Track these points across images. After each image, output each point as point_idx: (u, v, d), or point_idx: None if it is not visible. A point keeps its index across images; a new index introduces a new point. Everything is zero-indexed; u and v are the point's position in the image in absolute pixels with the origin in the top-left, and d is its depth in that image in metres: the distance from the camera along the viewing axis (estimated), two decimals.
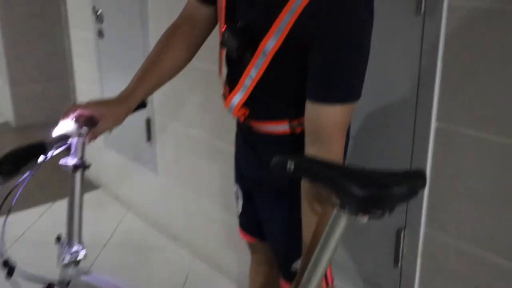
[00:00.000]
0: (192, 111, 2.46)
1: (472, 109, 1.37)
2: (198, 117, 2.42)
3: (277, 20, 0.98)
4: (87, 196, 2.12)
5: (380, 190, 0.84)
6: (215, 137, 2.36)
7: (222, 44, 1.12)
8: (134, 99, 1.15)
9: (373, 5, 0.99)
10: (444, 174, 1.46)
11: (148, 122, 2.78)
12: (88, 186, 3.36)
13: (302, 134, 1.08)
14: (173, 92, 2.54)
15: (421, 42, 1.41)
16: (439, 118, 1.44)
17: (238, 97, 1.12)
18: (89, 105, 1.09)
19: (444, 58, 1.39)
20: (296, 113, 1.10)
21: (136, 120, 2.82)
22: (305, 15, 0.96)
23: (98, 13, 2.94)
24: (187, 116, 2.50)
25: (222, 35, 1.11)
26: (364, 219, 0.84)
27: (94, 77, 3.20)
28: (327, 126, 0.98)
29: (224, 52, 1.18)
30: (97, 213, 3.07)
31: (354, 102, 1.00)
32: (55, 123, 1.06)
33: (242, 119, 1.18)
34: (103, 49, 3.08)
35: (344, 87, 0.98)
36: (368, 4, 0.97)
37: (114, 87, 2.90)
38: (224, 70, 1.23)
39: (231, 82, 1.17)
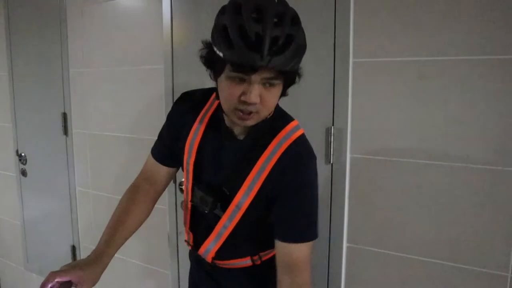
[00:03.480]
0: None
1: (373, 232, 1.78)
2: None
3: (247, 179, 1.17)
4: None
5: None
6: (146, 261, 2.50)
7: (193, 201, 1.29)
8: (108, 256, 1.23)
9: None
10: (356, 281, 1.84)
11: (74, 249, 2.82)
12: None
13: (261, 265, 1.32)
14: (95, 220, 2.66)
15: (331, 185, 1.81)
16: (349, 240, 1.83)
17: (212, 244, 1.29)
18: (66, 271, 1.09)
19: (349, 195, 1.79)
20: (257, 250, 1.32)
21: (61, 245, 2.84)
22: (273, 174, 1.15)
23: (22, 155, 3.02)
24: None
25: (192, 193, 1.29)
26: None
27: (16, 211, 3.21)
28: (298, 260, 1.15)
29: (190, 205, 1.35)
30: None
31: (316, 237, 1.19)
32: None
33: (210, 260, 1.35)
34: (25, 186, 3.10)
35: (310, 229, 1.18)
36: (316, 158, 1.20)
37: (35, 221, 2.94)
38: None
39: (198, 230, 1.37)
